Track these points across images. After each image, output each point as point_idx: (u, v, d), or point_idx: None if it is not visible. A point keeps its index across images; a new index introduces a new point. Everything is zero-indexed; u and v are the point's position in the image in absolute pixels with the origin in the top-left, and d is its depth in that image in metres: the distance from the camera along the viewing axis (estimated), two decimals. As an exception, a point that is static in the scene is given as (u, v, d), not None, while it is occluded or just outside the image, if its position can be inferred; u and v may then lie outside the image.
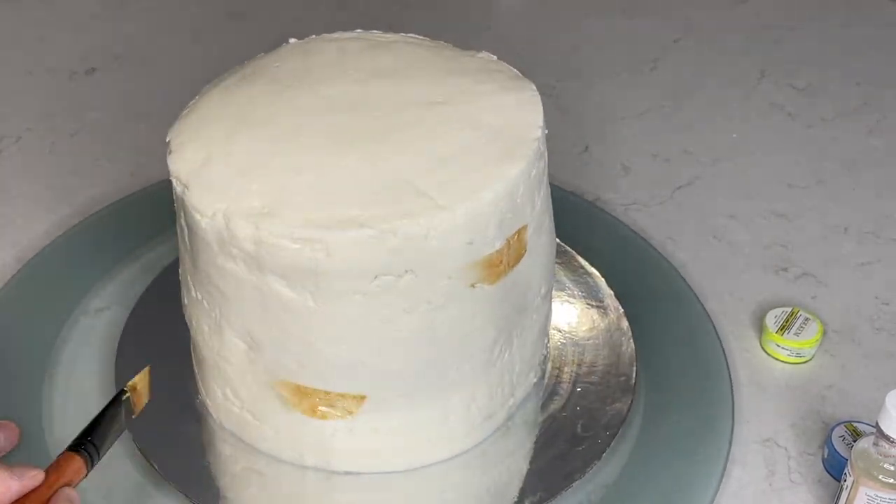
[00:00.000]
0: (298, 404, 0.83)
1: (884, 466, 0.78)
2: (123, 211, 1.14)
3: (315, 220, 0.74)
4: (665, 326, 1.01)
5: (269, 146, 0.80)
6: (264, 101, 0.85)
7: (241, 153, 0.80)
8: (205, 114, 0.85)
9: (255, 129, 0.82)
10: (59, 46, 1.47)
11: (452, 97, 0.84)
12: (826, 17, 1.57)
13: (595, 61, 1.46)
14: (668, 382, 0.96)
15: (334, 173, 0.77)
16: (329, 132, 0.81)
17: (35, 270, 1.06)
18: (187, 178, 0.78)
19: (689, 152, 1.29)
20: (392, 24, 1.11)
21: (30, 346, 0.98)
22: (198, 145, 0.81)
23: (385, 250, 0.73)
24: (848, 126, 1.34)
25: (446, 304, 0.78)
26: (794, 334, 1.00)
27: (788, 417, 0.95)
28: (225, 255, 0.77)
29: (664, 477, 0.88)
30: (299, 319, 0.78)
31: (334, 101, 0.84)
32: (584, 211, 1.16)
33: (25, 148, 1.27)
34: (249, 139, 0.81)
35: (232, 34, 1.51)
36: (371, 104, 0.83)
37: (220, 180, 0.78)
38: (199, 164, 0.79)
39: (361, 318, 0.77)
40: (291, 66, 0.89)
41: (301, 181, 0.77)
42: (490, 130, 0.81)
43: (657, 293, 1.05)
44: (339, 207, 0.74)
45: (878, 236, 1.17)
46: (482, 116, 0.82)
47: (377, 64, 0.88)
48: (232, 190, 0.77)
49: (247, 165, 0.78)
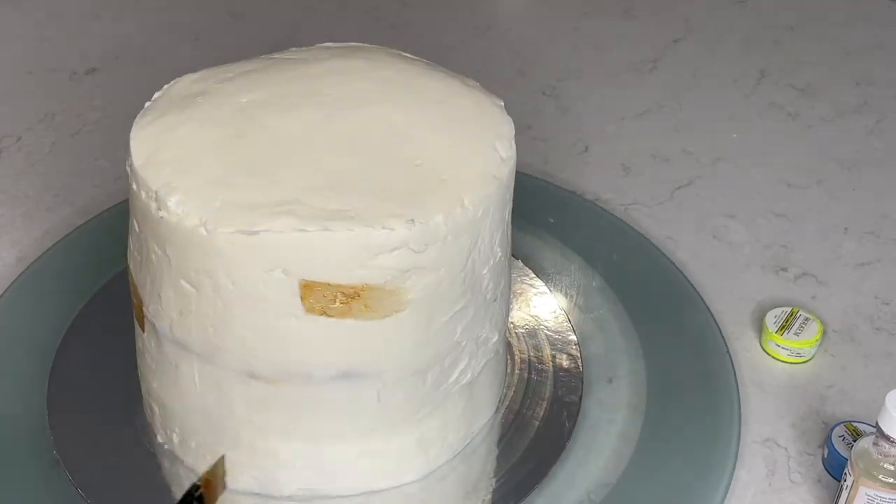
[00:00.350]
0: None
1: (884, 466, 0.78)
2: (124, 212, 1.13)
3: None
4: (668, 326, 1.01)
5: (213, 134, 0.79)
6: (227, 110, 0.83)
7: (189, 135, 0.79)
8: (165, 109, 0.83)
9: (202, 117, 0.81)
10: (59, 46, 1.47)
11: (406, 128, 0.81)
12: (826, 17, 1.57)
13: (595, 61, 1.46)
14: (671, 382, 0.96)
15: (236, 163, 0.76)
16: (267, 135, 0.79)
17: (37, 272, 1.06)
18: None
19: (689, 152, 1.29)
20: (392, 24, 1.11)
21: (32, 347, 0.98)
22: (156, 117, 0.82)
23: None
24: (848, 126, 1.34)
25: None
26: (794, 334, 1.00)
27: (788, 417, 0.95)
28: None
29: (666, 478, 0.88)
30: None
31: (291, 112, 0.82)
32: (585, 211, 1.16)
33: (25, 148, 1.27)
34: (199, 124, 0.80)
35: (232, 34, 1.51)
36: (321, 122, 0.81)
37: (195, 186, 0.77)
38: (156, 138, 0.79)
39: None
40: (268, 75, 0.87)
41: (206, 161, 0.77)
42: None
43: (660, 293, 1.05)
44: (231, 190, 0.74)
45: (878, 236, 1.17)
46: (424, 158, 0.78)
47: (347, 89, 0.84)
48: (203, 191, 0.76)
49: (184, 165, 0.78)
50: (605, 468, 0.88)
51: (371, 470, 0.85)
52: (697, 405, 0.93)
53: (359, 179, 0.76)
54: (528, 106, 1.35)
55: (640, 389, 0.95)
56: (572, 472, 0.88)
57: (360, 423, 0.82)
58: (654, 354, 0.98)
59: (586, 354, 0.98)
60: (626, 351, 0.99)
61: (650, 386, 0.95)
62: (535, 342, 0.99)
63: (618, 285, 1.05)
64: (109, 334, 0.98)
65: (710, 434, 0.91)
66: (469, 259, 0.78)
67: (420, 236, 0.73)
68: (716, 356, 0.98)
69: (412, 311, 0.77)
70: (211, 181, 0.75)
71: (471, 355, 0.84)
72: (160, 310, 0.79)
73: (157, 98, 0.85)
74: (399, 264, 0.74)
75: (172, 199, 0.74)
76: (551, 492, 0.87)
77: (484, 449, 0.90)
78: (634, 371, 0.97)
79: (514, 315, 1.00)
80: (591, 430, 0.92)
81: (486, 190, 0.77)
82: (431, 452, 0.87)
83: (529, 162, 1.22)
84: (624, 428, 0.92)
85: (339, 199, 0.74)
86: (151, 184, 0.75)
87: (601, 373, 0.97)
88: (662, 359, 0.98)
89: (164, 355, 0.82)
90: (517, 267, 1.06)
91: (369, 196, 0.74)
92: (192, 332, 0.78)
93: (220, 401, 0.81)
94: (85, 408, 0.92)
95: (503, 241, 0.83)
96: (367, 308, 0.75)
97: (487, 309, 0.84)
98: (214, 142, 0.79)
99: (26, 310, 1.02)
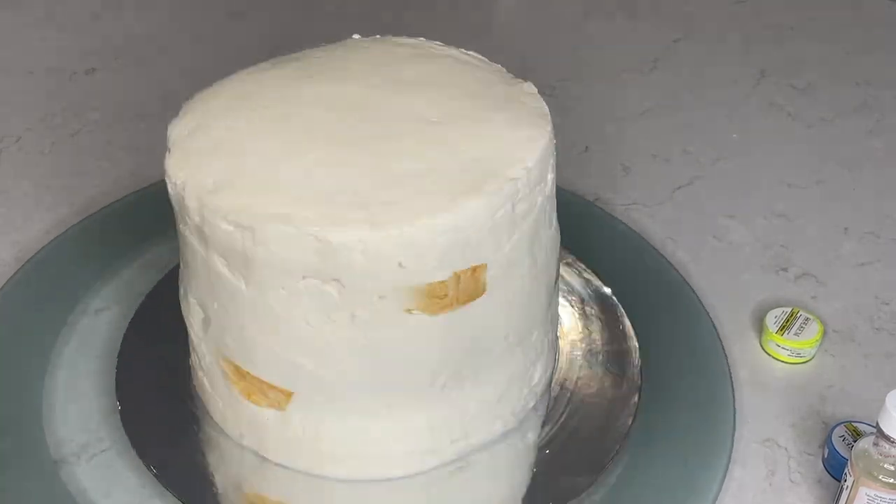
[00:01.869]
0: (236, 383, 0.83)
1: (884, 466, 0.78)
2: (123, 211, 1.14)
3: (250, 208, 0.74)
4: (665, 326, 1.01)
5: (248, 127, 0.81)
6: (275, 86, 0.85)
7: (223, 129, 0.81)
8: (219, 90, 0.86)
9: (247, 110, 0.83)
10: (59, 46, 1.47)
11: (452, 119, 0.82)
12: (826, 17, 1.57)
13: (595, 61, 1.46)
14: (668, 383, 0.96)
15: (293, 167, 0.77)
16: (311, 127, 0.81)
17: (35, 270, 1.06)
18: (173, 143, 0.80)
19: (689, 152, 1.29)
20: (392, 24, 1.11)
21: (30, 346, 0.98)
22: (194, 116, 0.82)
23: (310, 252, 0.73)
24: (848, 126, 1.34)
25: (375, 322, 0.76)
26: (795, 334, 1.00)
27: (788, 417, 0.95)
28: (183, 224, 0.79)
29: (665, 477, 0.88)
30: (235, 300, 0.78)
31: (335, 101, 0.83)
32: (584, 211, 1.16)
33: (25, 148, 1.27)
34: (237, 118, 0.82)
35: (232, 34, 1.51)
36: (368, 110, 0.83)
37: (195, 151, 0.79)
38: (186, 133, 0.81)
39: (287, 313, 0.77)
40: (322, 62, 0.89)
41: (258, 167, 0.77)
42: (470, 159, 0.78)
43: (658, 293, 1.05)
44: (280, 201, 0.74)
45: (878, 236, 1.17)
46: (471, 144, 0.79)
47: (401, 74, 0.86)
48: (201, 162, 0.78)
49: (222, 141, 0.80)
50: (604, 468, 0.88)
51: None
52: (694, 405, 0.94)
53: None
54: (528, 106, 1.35)
55: (638, 389, 0.95)
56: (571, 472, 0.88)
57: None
58: (652, 354, 0.98)
59: (586, 354, 0.99)
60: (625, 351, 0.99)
61: (648, 386, 0.95)
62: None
63: (616, 286, 1.04)
64: (109, 334, 0.99)
65: (705, 433, 0.91)
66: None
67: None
68: (712, 356, 0.98)
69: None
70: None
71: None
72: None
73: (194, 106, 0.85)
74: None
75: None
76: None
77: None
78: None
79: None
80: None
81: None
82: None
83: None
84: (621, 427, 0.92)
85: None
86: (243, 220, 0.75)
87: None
88: (660, 359, 0.98)
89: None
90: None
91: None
92: None
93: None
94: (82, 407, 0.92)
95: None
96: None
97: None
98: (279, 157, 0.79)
99: (24, 307, 1.02)
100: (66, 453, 0.89)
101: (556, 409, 0.92)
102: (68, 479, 0.86)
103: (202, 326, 0.84)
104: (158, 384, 0.93)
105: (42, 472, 0.87)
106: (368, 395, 0.82)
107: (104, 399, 0.93)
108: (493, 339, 0.83)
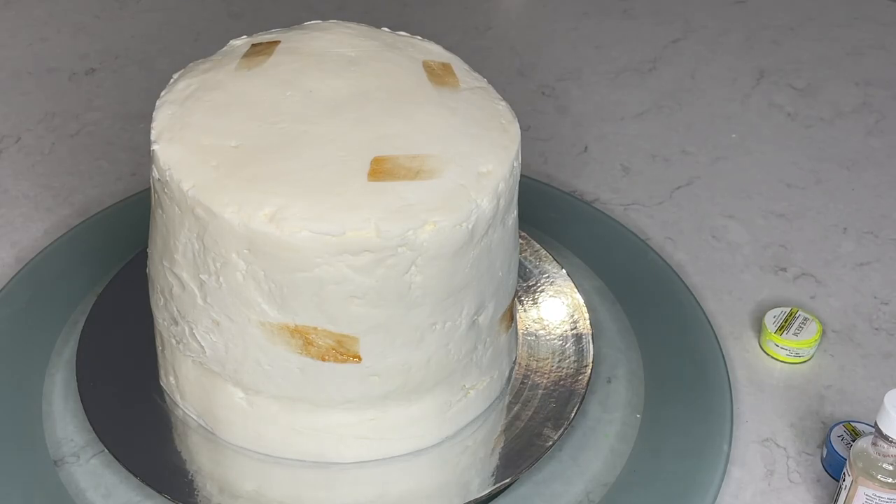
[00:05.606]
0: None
1: (882, 466, 0.78)
2: (124, 211, 1.14)
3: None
4: (663, 327, 1.01)
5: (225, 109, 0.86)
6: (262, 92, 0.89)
7: (202, 111, 0.87)
8: (203, 68, 0.92)
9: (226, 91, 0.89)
10: (59, 46, 1.47)
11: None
12: (826, 17, 1.57)
13: (595, 61, 1.46)
14: (666, 383, 0.96)
15: (255, 149, 0.82)
16: (289, 114, 0.85)
17: (35, 271, 1.06)
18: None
19: (689, 152, 1.29)
20: (392, 24, 1.11)
21: (30, 346, 0.98)
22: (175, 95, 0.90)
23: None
24: (847, 126, 1.34)
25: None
26: (793, 334, 1.00)
27: (787, 417, 0.95)
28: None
29: (664, 477, 0.88)
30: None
31: (320, 95, 0.88)
32: (584, 211, 1.16)
33: (25, 148, 1.27)
34: (212, 100, 0.88)
35: (232, 34, 1.51)
36: (356, 102, 0.87)
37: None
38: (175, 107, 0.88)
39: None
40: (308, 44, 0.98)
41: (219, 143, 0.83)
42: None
43: (655, 294, 1.05)
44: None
45: (877, 236, 1.17)
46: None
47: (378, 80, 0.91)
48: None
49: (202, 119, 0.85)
50: (603, 467, 0.88)
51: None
52: (693, 404, 0.94)
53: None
54: (528, 106, 1.35)
55: (637, 389, 0.95)
56: (571, 472, 0.88)
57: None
58: (651, 355, 0.98)
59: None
60: (624, 351, 0.99)
61: (648, 386, 0.95)
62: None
63: (616, 286, 1.04)
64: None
65: (704, 433, 0.91)
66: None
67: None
68: (711, 356, 0.98)
69: None
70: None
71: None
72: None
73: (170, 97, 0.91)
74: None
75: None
76: (550, 492, 0.87)
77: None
78: (632, 371, 0.97)
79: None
80: (589, 430, 0.92)
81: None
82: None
83: (529, 162, 1.22)
84: (622, 427, 0.92)
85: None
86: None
87: (600, 373, 0.97)
88: (660, 359, 0.98)
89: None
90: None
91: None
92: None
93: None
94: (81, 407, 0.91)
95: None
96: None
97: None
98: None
99: (24, 307, 1.02)
100: (65, 453, 0.89)
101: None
102: (67, 479, 0.86)
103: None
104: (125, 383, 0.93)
105: (41, 473, 0.87)
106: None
107: (104, 399, 0.93)
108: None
